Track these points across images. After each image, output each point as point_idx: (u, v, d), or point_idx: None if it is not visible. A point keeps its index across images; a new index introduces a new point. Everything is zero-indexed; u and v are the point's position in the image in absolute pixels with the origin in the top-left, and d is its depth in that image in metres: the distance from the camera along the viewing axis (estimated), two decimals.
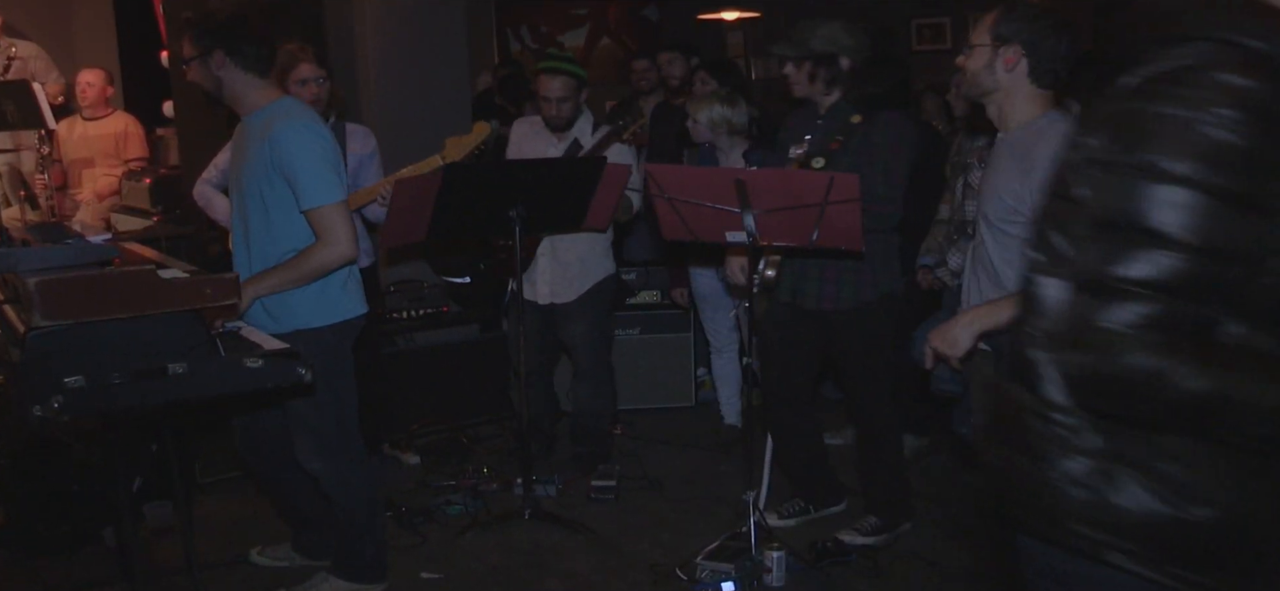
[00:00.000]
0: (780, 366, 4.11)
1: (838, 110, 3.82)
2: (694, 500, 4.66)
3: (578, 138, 4.64)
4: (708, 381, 5.76)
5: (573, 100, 4.57)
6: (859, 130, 3.75)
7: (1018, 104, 2.86)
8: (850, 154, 3.73)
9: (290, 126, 3.31)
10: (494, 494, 4.69)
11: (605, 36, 10.41)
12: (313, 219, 3.31)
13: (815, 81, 3.80)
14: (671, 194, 3.62)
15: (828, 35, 3.74)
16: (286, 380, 2.89)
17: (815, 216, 3.43)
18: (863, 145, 3.74)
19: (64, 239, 3.26)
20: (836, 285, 3.89)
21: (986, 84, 2.88)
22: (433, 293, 5.52)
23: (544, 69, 4.63)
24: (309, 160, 3.28)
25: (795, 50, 3.76)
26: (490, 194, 4.06)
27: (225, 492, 4.77)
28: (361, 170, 4.44)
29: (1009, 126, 2.89)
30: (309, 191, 3.28)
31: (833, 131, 3.78)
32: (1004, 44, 2.82)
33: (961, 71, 2.98)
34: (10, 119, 5.64)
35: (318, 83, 4.26)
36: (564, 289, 4.72)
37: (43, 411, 2.57)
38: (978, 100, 2.97)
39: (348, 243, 3.35)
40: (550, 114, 4.57)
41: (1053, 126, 2.81)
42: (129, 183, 6.12)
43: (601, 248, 4.76)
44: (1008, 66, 2.84)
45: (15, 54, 6.57)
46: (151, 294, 2.69)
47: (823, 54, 3.75)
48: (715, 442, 5.30)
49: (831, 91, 3.82)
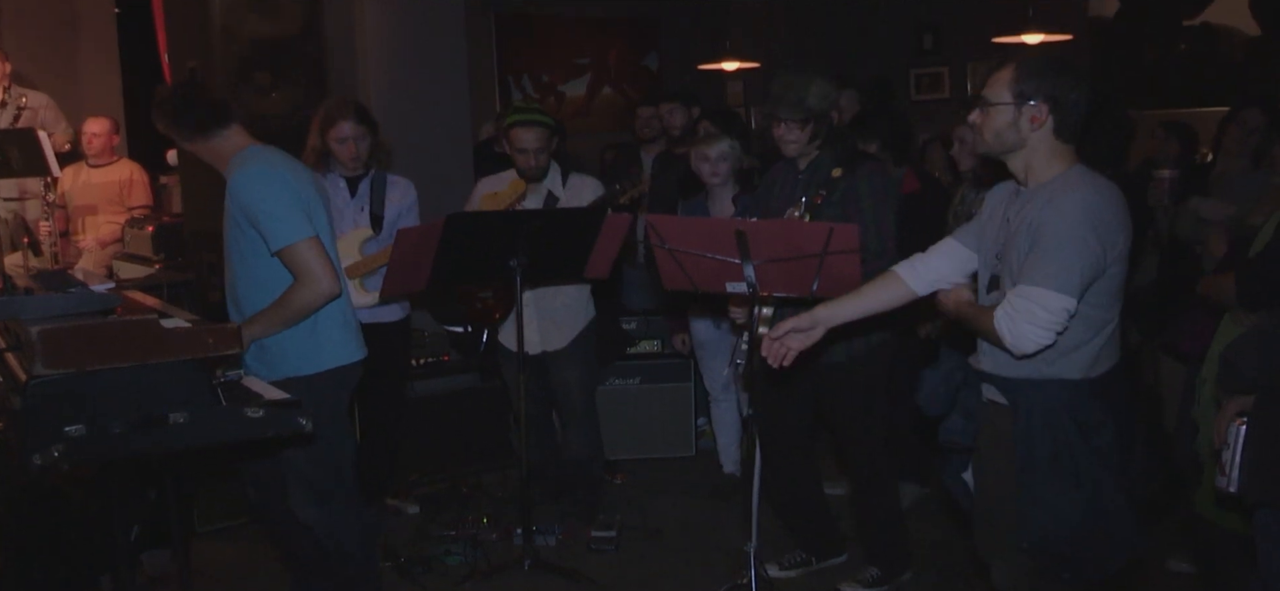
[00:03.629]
0: (774, 415, 4.10)
1: (818, 165, 3.85)
2: (694, 549, 4.64)
3: (551, 189, 4.64)
4: (708, 430, 5.75)
5: (547, 150, 4.58)
6: (841, 183, 3.78)
7: (1043, 160, 2.81)
8: (834, 207, 3.76)
9: (245, 174, 3.33)
10: (493, 543, 4.67)
11: (606, 85, 10.48)
12: (285, 260, 3.32)
13: (814, 139, 3.83)
14: (672, 244, 3.63)
15: (821, 92, 3.78)
16: (287, 429, 2.88)
17: (815, 267, 3.44)
18: (848, 197, 3.77)
19: (68, 287, 3.27)
20: (827, 340, 3.89)
21: (1011, 142, 2.82)
22: (434, 341, 5.52)
23: (518, 122, 4.58)
24: (268, 203, 3.29)
25: (795, 112, 3.78)
26: (491, 243, 4.07)
27: (223, 540, 4.75)
28: (401, 221, 4.46)
29: (1041, 181, 2.84)
30: (274, 234, 3.30)
31: (815, 186, 3.81)
32: (1028, 101, 2.78)
33: (974, 127, 2.93)
34: (15, 166, 5.68)
35: (357, 140, 4.29)
36: (555, 336, 4.72)
37: (43, 459, 2.56)
38: (998, 157, 2.93)
39: (325, 278, 3.34)
40: (527, 165, 4.56)
41: (1083, 179, 2.77)
42: (131, 230, 6.15)
43: (584, 293, 4.77)
44: (1035, 125, 2.78)
45: (25, 103, 6.62)
46: (153, 343, 2.69)
47: (821, 111, 3.78)
48: (715, 492, 5.28)
49: (813, 143, 3.86)
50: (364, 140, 4.32)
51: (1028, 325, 2.70)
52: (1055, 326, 2.70)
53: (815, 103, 3.77)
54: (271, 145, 3.55)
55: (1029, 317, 2.69)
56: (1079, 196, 2.71)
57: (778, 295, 3.62)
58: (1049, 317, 2.68)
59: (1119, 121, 4.33)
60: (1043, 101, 2.77)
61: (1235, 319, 3.56)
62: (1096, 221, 2.69)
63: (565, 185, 4.65)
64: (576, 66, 10.30)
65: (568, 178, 4.68)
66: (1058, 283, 2.67)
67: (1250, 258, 3.47)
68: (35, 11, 8.01)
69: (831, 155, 3.85)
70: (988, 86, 2.87)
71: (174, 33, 5.82)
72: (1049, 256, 2.69)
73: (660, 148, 6.12)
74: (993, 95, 2.84)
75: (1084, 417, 2.80)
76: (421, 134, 5.79)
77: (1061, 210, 2.70)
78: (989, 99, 2.84)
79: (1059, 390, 2.80)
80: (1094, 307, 2.77)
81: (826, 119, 3.82)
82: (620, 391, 5.64)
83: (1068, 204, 2.70)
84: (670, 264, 3.70)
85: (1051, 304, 2.67)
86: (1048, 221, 2.71)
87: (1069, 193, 2.73)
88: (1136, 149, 5.21)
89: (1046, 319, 2.68)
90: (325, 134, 4.29)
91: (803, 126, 3.80)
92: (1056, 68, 2.80)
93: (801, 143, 3.83)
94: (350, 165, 4.38)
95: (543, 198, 4.63)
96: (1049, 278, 2.68)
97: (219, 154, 3.45)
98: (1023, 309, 2.70)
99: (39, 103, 6.77)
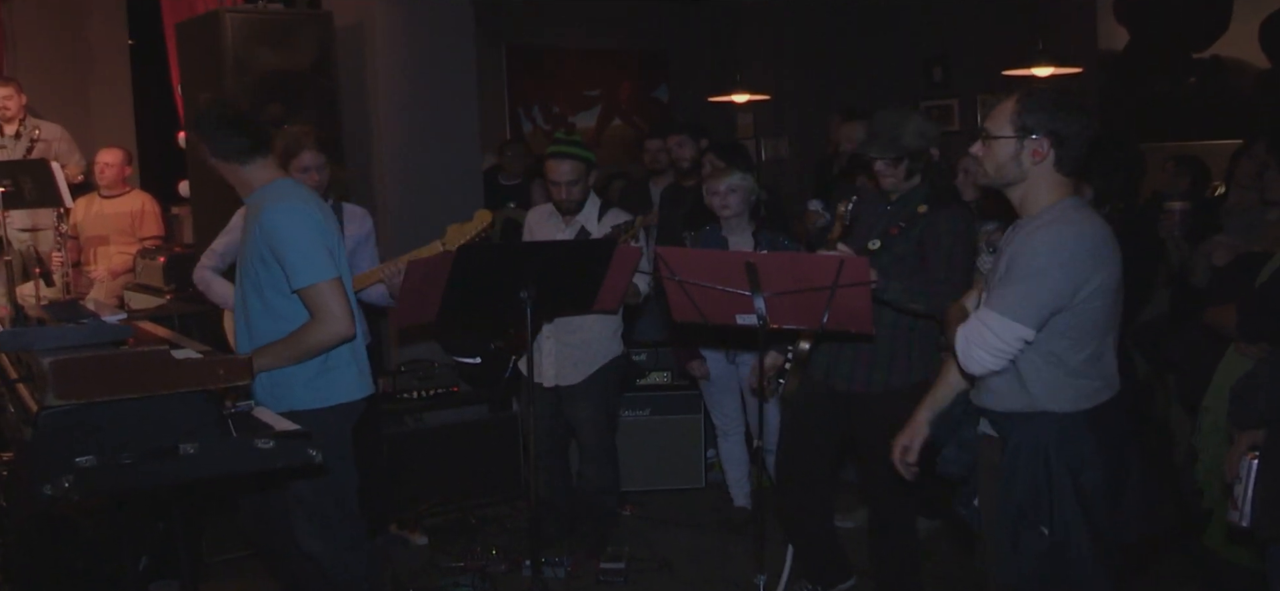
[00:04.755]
0: (799, 445, 4.10)
1: (907, 199, 3.86)
2: (703, 582, 4.62)
3: (584, 225, 4.67)
4: (717, 463, 5.74)
5: (582, 183, 4.61)
6: (924, 219, 3.79)
7: (1040, 192, 2.84)
8: (910, 241, 3.78)
9: (278, 209, 3.35)
10: (502, 575, 4.66)
11: (616, 117, 10.52)
12: (305, 298, 3.34)
13: (910, 176, 3.85)
14: (682, 276, 3.64)
15: (917, 130, 3.79)
16: (297, 460, 2.89)
17: (825, 299, 3.44)
18: (927, 233, 3.78)
19: (79, 318, 3.28)
20: (869, 369, 3.90)
21: (1012, 175, 2.85)
22: (443, 372, 5.52)
23: (553, 154, 4.65)
24: (297, 241, 3.31)
25: (891, 151, 3.78)
26: (501, 276, 4.08)
27: (232, 572, 4.74)
28: (358, 251, 4.47)
29: (1030, 214, 2.87)
30: (298, 271, 3.31)
31: (897, 218, 3.82)
32: (1030, 135, 2.80)
33: (976, 158, 2.96)
34: (28, 197, 5.71)
35: (319, 169, 4.29)
36: (570, 371, 4.72)
37: (53, 490, 2.56)
38: (999, 188, 2.95)
39: (343, 320, 3.36)
40: (560, 198, 4.61)
41: (1066, 214, 2.79)
42: (143, 260, 6.18)
43: (610, 330, 4.77)
44: (1036, 159, 2.80)
45: (40, 135, 6.68)
46: (164, 374, 2.70)
47: (917, 149, 3.79)
48: (725, 524, 5.26)
49: (911, 180, 3.87)
50: (324, 170, 4.31)
51: (978, 348, 2.80)
52: (1005, 353, 2.77)
53: (910, 141, 3.77)
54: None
55: (980, 341, 2.79)
56: (1055, 231, 2.75)
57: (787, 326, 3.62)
58: (1000, 345, 2.76)
59: (1129, 155, 4.33)
60: (1045, 136, 2.80)
61: (1239, 350, 3.56)
62: (1066, 257, 2.73)
63: (600, 221, 4.66)
64: (586, 98, 10.36)
65: (604, 214, 4.71)
66: (1014, 312, 2.74)
67: (1253, 289, 3.47)
68: (48, 44, 8.10)
69: (923, 192, 3.87)
70: (990, 119, 2.90)
71: (187, 65, 5.85)
72: (1011, 286, 2.77)
73: (669, 180, 6.13)
74: (995, 128, 2.86)
75: (1072, 453, 2.81)
76: (432, 165, 5.81)
77: (1033, 243, 2.77)
78: (991, 132, 2.87)
79: (1049, 424, 2.82)
80: (1067, 343, 2.79)
81: (923, 156, 3.83)
82: (630, 423, 5.63)
83: (1041, 238, 2.76)
84: (680, 296, 3.70)
85: (1004, 332, 2.75)
86: (1020, 253, 2.79)
87: (1048, 227, 2.77)
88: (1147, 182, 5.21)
89: (996, 345, 2.77)
90: (288, 165, 4.25)
91: (897, 164, 3.82)
92: (1059, 102, 2.81)
93: (898, 179, 3.85)
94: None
95: (576, 231, 4.65)
96: (1008, 306, 2.76)
97: (246, 182, 3.47)
98: (976, 331, 2.80)
99: (53, 134, 6.83)
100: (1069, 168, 2.84)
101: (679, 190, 5.92)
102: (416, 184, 5.76)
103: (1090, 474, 2.80)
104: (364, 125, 5.79)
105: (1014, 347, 2.76)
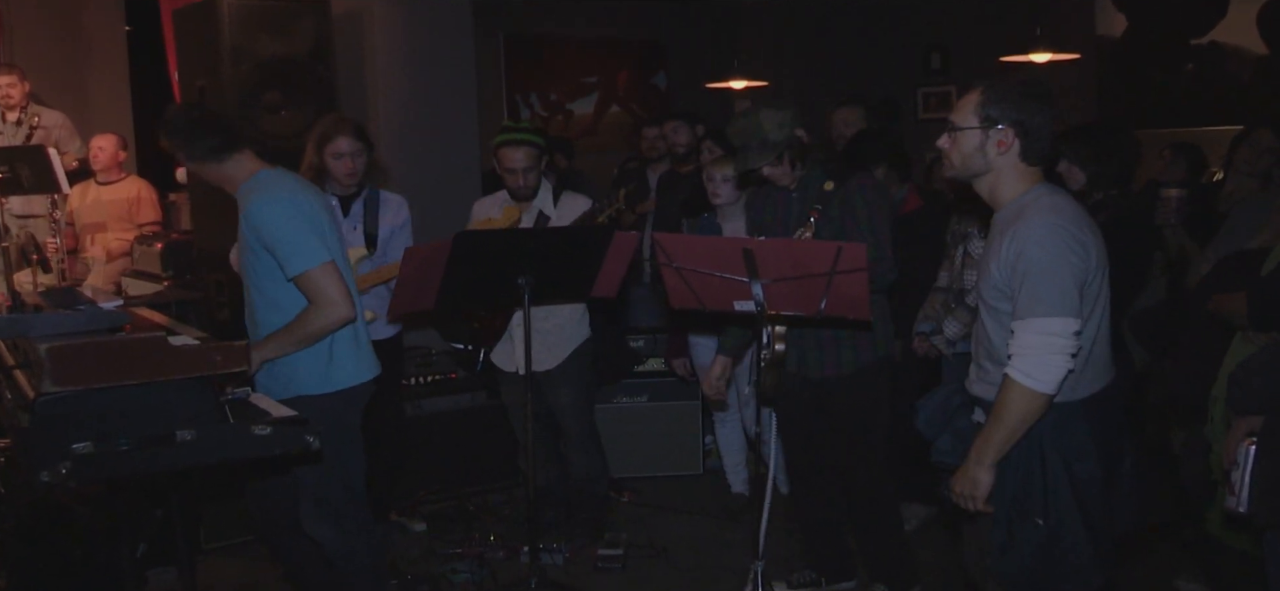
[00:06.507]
0: (794, 438, 4.11)
1: (809, 181, 3.85)
2: (701, 568, 4.63)
3: (541, 209, 4.64)
4: (715, 449, 5.75)
5: (536, 169, 4.58)
6: (835, 196, 3.78)
7: (1008, 183, 2.82)
8: (832, 222, 3.77)
9: (262, 201, 3.35)
10: (500, 562, 4.66)
11: (614, 104, 10.51)
12: (301, 285, 3.34)
13: (795, 166, 3.84)
14: (679, 263, 3.63)
15: (774, 123, 3.72)
16: (294, 447, 2.89)
17: (823, 286, 3.44)
18: (845, 209, 3.78)
19: (76, 304, 3.28)
20: (836, 350, 3.92)
21: (977, 166, 2.82)
22: (441, 359, 5.52)
23: (506, 142, 4.56)
24: (284, 229, 3.31)
25: (768, 154, 3.73)
26: (499, 263, 4.07)
27: (229, 558, 4.75)
28: (393, 240, 4.46)
29: (1001, 205, 2.85)
30: (290, 259, 3.32)
31: (809, 202, 3.81)
32: (994, 126, 2.77)
33: (943, 152, 2.91)
34: (26, 184, 5.69)
35: (354, 156, 4.27)
36: (545, 356, 4.68)
37: (50, 477, 2.56)
38: (966, 181, 2.93)
39: (342, 303, 3.36)
40: (517, 185, 4.56)
41: (1039, 200, 2.77)
42: (140, 247, 6.16)
43: (578, 314, 4.75)
44: (1001, 149, 2.78)
45: (39, 122, 6.67)
46: (161, 361, 2.70)
47: (784, 139, 3.76)
48: (722, 511, 5.27)
49: (801, 167, 3.86)
50: (360, 157, 4.30)
51: (1047, 357, 2.66)
52: (1069, 350, 2.67)
53: (775, 135, 3.72)
54: (280, 165, 3.57)
55: (1046, 351, 2.66)
56: (1044, 220, 2.71)
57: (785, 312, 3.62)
58: (1062, 342, 2.66)
59: (1122, 141, 4.32)
60: (1009, 126, 2.76)
61: (1246, 339, 3.55)
62: (1069, 237, 2.69)
63: (556, 204, 4.65)
64: (584, 85, 10.35)
65: (560, 196, 4.69)
66: (1057, 306, 2.66)
67: (1261, 278, 3.46)
68: (46, 31, 8.07)
69: (818, 171, 3.86)
70: (955, 111, 2.86)
71: (184, 52, 5.83)
72: (1040, 283, 2.67)
73: (665, 166, 6.13)
74: (960, 120, 2.83)
75: (1067, 443, 2.78)
76: (430, 153, 5.81)
77: (1035, 237, 2.69)
78: (957, 124, 2.84)
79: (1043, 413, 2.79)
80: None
81: (794, 142, 3.79)
82: (628, 409, 5.63)
83: (1038, 230, 2.69)
84: (677, 282, 3.70)
85: (1059, 329, 2.65)
86: (1025, 252, 2.70)
87: (1032, 218, 2.72)
88: (1143, 169, 5.20)
89: (1060, 345, 2.66)
90: (322, 150, 4.26)
91: (779, 162, 3.80)
92: (1023, 92, 2.78)
93: (787, 174, 3.85)
94: (346, 182, 4.35)
95: (535, 217, 4.63)
96: (1050, 306, 2.66)
97: (228, 178, 3.47)
98: (1034, 345, 2.67)
99: (54, 121, 6.82)
100: (1035, 158, 2.80)
101: (675, 176, 5.91)
102: (414, 171, 5.76)
103: (1085, 463, 2.78)
104: (362, 112, 5.79)
105: (1073, 341, 2.66)
